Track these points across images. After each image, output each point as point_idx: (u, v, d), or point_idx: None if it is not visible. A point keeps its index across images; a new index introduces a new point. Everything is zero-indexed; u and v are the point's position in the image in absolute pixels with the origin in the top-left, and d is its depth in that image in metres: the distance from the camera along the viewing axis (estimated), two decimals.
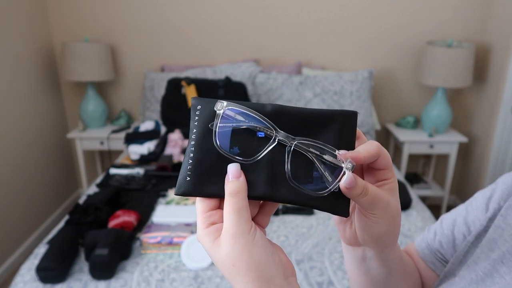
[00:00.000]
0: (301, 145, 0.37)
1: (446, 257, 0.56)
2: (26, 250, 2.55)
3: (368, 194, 0.37)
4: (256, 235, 0.35)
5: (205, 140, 0.38)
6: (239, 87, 2.47)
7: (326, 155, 0.37)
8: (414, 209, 1.75)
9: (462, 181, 3.10)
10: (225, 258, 0.35)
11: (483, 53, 2.74)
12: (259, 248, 0.35)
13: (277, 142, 0.37)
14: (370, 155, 0.37)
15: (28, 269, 1.35)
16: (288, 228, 1.60)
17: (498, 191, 0.50)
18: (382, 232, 0.41)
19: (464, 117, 2.96)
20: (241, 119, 0.37)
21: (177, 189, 0.38)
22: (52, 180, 2.85)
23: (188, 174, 0.37)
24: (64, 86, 2.96)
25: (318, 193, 0.37)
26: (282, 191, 0.37)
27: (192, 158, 0.38)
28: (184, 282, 1.30)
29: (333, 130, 0.38)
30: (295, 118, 0.38)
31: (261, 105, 0.38)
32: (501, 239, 0.43)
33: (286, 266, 0.37)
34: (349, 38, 2.79)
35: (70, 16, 2.76)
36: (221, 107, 0.37)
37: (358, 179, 0.37)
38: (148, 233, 1.46)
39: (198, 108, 0.39)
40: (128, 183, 1.92)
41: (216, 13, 2.74)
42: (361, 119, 2.65)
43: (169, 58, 2.86)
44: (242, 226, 0.34)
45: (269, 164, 0.37)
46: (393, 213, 0.40)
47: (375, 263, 0.47)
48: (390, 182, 0.40)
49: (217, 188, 0.37)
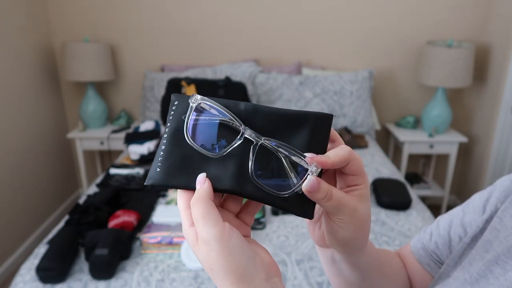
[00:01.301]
0: (267, 144, 0.37)
1: (441, 259, 0.55)
2: (26, 250, 2.55)
3: (333, 198, 0.37)
4: (232, 238, 0.34)
5: (177, 134, 0.38)
6: (239, 87, 2.47)
7: (294, 156, 0.37)
8: (414, 209, 1.75)
9: (462, 181, 3.10)
10: (203, 261, 0.35)
11: (483, 53, 2.74)
12: (236, 252, 0.34)
13: (244, 139, 0.37)
14: (339, 160, 0.37)
15: (28, 269, 1.35)
16: (288, 228, 1.60)
17: (496, 193, 0.50)
18: (348, 237, 0.40)
19: (464, 117, 2.96)
20: (214, 114, 0.38)
21: (147, 180, 0.38)
22: (52, 180, 2.86)
23: (158, 165, 0.38)
24: (64, 86, 2.96)
25: (279, 193, 0.37)
26: (248, 186, 0.37)
27: (164, 150, 0.38)
28: (184, 282, 1.30)
29: (305, 131, 0.38)
30: (269, 118, 0.38)
31: (235, 103, 0.38)
32: (497, 240, 0.43)
33: (269, 267, 0.37)
34: (349, 38, 2.79)
35: (70, 16, 2.76)
36: (195, 100, 0.38)
37: (323, 183, 0.36)
38: (148, 233, 1.46)
39: (175, 104, 0.40)
40: (128, 183, 1.92)
41: (216, 13, 2.74)
42: (361, 119, 2.65)
43: (169, 58, 2.86)
44: (212, 230, 0.34)
45: (238, 160, 0.38)
46: (360, 219, 0.39)
47: (345, 266, 0.47)
48: (360, 188, 0.39)
49: (185, 180, 0.38)
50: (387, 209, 1.74)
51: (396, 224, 1.64)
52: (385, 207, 1.74)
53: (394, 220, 1.66)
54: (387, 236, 1.55)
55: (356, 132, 2.68)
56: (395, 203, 1.73)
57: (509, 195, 0.47)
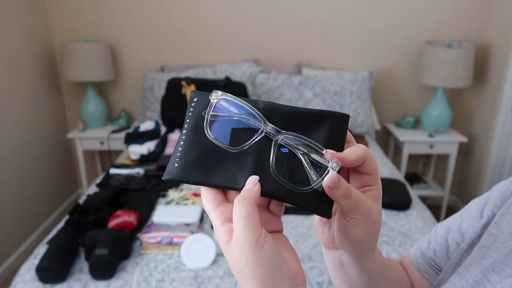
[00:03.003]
0: (288, 140, 0.37)
1: (439, 266, 0.55)
2: (26, 250, 2.55)
3: (351, 197, 0.37)
4: (265, 246, 0.34)
5: (196, 130, 0.38)
6: (239, 87, 2.47)
7: (314, 153, 0.37)
8: (414, 209, 1.75)
9: (462, 181, 3.10)
10: (233, 263, 0.35)
11: (483, 53, 2.74)
12: (266, 260, 0.34)
13: (264, 134, 0.37)
14: (356, 158, 0.37)
15: (28, 269, 1.35)
16: (288, 228, 1.60)
17: (493, 198, 0.49)
18: (360, 238, 0.40)
19: (464, 117, 2.96)
20: (234, 111, 0.38)
21: (164, 174, 0.38)
22: (52, 180, 2.85)
23: (176, 161, 0.38)
24: (64, 86, 2.96)
25: (300, 189, 0.37)
26: (266, 184, 0.37)
27: (182, 146, 0.38)
28: (184, 282, 1.30)
29: (323, 130, 0.38)
30: (286, 116, 0.38)
31: (253, 101, 0.38)
32: (493, 246, 0.42)
33: (295, 276, 0.37)
34: (349, 38, 2.79)
35: (70, 16, 2.76)
36: (216, 96, 0.38)
37: (342, 180, 0.36)
38: (148, 233, 1.46)
39: (195, 100, 0.40)
40: (128, 183, 1.92)
41: (216, 13, 2.74)
42: (361, 119, 2.65)
43: (169, 58, 2.86)
44: (249, 236, 0.34)
45: (257, 157, 0.38)
46: (373, 220, 0.40)
47: (354, 269, 0.47)
48: (374, 189, 0.40)
49: (202, 176, 0.38)
50: (387, 209, 1.74)
51: (396, 224, 1.64)
52: (385, 207, 1.74)
53: (394, 220, 1.66)
54: (387, 236, 1.55)
55: (356, 132, 2.68)
56: (395, 203, 1.73)
57: (506, 200, 0.47)
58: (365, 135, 2.67)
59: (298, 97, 2.62)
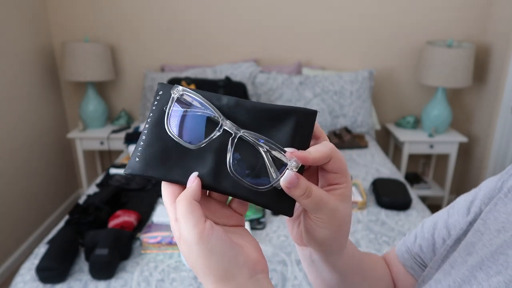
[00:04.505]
0: (247, 137, 0.37)
1: (425, 262, 0.54)
2: (26, 250, 2.55)
3: (312, 196, 0.36)
4: (212, 239, 0.34)
5: (159, 124, 0.38)
6: (239, 87, 2.47)
7: (276, 151, 0.36)
8: (414, 209, 1.75)
9: (462, 181, 3.10)
10: (186, 259, 0.35)
11: (483, 53, 2.74)
12: (215, 253, 0.34)
13: (223, 131, 0.37)
14: (320, 157, 0.36)
15: (28, 269, 1.35)
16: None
17: (481, 195, 0.49)
18: (326, 237, 0.40)
19: (464, 117, 2.96)
20: (196, 106, 0.37)
21: (125, 169, 0.38)
22: (52, 180, 2.85)
23: (138, 155, 0.38)
24: (64, 86, 2.96)
25: (258, 188, 0.36)
26: (225, 182, 0.37)
27: (144, 140, 0.38)
28: (184, 282, 1.30)
29: (288, 127, 0.37)
30: (251, 112, 0.37)
31: (218, 96, 0.38)
32: (480, 243, 0.42)
33: (254, 263, 0.36)
34: (349, 38, 2.79)
35: (70, 16, 2.76)
36: (177, 91, 0.37)
37: (302, 179, 0.35)
38: (148, 233, 1.46)
39: (160, 94, 0.39)
40: (128, 183, 1.93)
41: (216, 13, 2.74)
42: (361, 119, 2.66)
43: (169, 58, 2.86)
44: (192, 232, 0.34)
45: (216, 154, 0.37)
46: (340, 220, 0.39)
47: (324, 267, 0.46)
48: (341, 188, 0.39)
49: (163, 172, 0.37)
50: (387, 209, 1.74)
51: (396, 224, 1.64)
52: (385, 207, 1.74)
53: (394, 220, 1.66)
54: (387, 236, 1.55)
55: (356, 132, 2.68)
56: (395, 203, 1.73)
57: (493, 197, 0.46)
58: (365, 135, 2.67)
59: (298, 97, 2.62)
